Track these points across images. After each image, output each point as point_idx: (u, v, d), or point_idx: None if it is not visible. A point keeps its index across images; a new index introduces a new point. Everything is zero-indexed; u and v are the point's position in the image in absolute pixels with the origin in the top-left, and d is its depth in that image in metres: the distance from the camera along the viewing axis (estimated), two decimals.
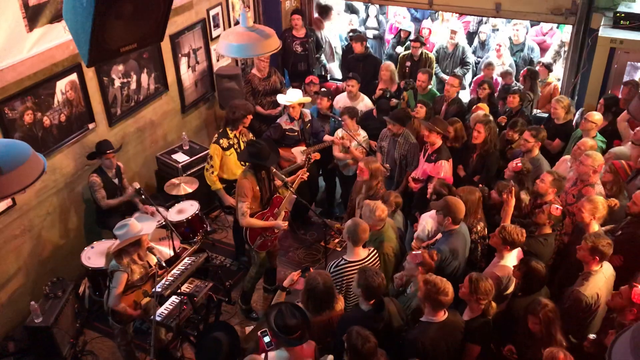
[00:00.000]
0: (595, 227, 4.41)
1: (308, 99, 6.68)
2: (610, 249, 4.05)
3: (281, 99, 6.56)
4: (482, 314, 3.88)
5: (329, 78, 9.11)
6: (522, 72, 7.43)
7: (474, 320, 3.89)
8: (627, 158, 5.35)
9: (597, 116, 5.72)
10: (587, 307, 3.97)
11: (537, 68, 7.60)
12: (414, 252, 4.31)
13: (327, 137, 6.57)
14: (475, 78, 8.48)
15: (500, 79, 7.69)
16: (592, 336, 3.78)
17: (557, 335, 3.62)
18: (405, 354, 3.65)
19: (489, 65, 7.77)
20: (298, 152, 6.49)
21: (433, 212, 4.96)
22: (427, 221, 5.00)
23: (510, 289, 4.33)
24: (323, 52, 8.99)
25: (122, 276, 4.41)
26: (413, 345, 3.69)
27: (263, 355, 3.69)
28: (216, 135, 6.02)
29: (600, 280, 4.04)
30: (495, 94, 7.20)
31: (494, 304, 3.88)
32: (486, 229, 4.84)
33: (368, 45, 8.22)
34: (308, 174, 5.61)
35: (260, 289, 6.11)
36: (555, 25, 8.88)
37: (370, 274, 3.82)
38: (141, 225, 4.51)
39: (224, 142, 5.93)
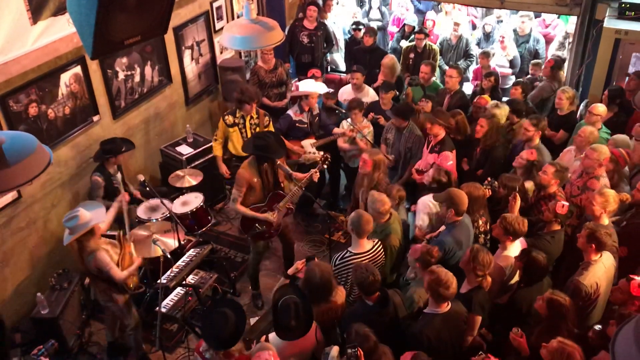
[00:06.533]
0: (605, 220, 4.38)
1: (324, 89, 6.72)
2: (609, 238, 4.05)
3: (304, 86, 6.50)
4: (478, 286, 3.95)
5: (329, 70, 9.07)
6: (546, 62, 7.31)
7: (471, 291, 3.95)
8: (627, 146, 5.34)
9: (601, 108, 5.69)
10: (587, 296, 3.98)
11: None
12: (413, 247, 4.32)
13: (336, 130, 6.52)
14: (474, 69, 8.47)
15: (498, 68, 7.66)
16: (597, 327, 3.78)
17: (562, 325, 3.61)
18: (409, 347, 3.61)
19: (485, 55, 7.73)
20: (307, 145, 6.48)
21: (428, 209, 4.97)
22: (423, 219, 5.02)
23: (515, 279, 4.34)
24: (333, 48, 8.88)
25: (102, 255, 4.38)
26: (418, 338, 3.70)
27: (264, 336, 3.79)
28: (228, 110, 6.33)
29: (600, 269, 4.05)
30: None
31: (488, 278, 3.96)
32: (488, 224, 4.83)
33: None
34: (319, 175, 5.52)
35: (265, 274, 6.09)
36: (556, 16, 8.84)
37: (360, 272, 3.82)
38: (90, 214, 4.34)
39: (229, 118, 6.17)
